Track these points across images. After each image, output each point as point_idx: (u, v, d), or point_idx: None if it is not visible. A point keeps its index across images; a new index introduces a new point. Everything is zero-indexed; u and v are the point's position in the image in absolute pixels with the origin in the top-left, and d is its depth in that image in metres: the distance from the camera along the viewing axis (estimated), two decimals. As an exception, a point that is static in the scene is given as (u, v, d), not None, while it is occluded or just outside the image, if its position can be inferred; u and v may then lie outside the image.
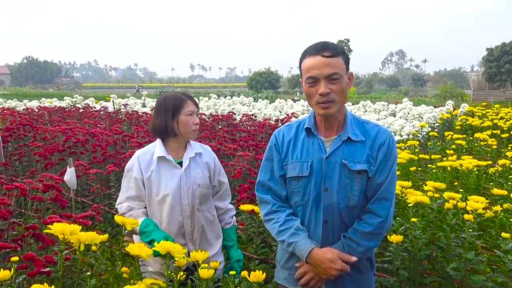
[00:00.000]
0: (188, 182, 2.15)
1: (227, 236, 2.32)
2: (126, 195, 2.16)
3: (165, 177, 2.14)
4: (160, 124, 2.15)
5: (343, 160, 1.68)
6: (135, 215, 2.10)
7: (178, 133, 2.16)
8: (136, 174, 2.14)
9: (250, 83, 45.61)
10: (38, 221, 2.57)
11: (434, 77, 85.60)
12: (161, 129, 2.16)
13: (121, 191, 2.21)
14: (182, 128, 2.15)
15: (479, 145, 6.74)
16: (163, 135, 2.19)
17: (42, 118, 9.27)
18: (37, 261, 1.69)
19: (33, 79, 71.94)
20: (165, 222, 2.12)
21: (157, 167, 2.15)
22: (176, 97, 2.19)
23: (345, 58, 1.68)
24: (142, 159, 2.16)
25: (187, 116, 2.16)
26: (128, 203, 2.15)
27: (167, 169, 2.16)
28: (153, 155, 2.17)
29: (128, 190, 2.17)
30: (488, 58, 35.92)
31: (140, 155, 2.18)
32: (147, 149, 2.22)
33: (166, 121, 2.14)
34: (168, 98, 2.19)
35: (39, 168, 4.57)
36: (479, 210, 2.48)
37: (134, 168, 2.16)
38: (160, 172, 2.14)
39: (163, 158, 2.15)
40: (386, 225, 1.68)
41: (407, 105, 13.47)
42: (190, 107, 2.18)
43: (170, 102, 2.16)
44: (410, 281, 2.48)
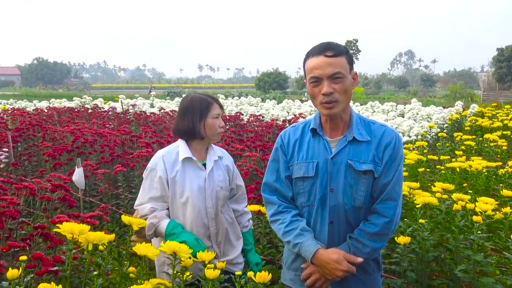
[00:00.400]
0: (212, 184, 2.15)
1: (244, 239, 2.32)
2: (149, 196, 2.11)
3: (190, 178, 2.12)
4: (186, 126, 2.14)
5: (349, 160, 1.67)
6: (159, 217, 2.06)
7: (204, 136, 2.16)
8: (161, 174, 2.10)
9: (258, 84, 45.61)
10: (47, 221, 2.59)
11: (444, 78, 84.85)
12: (187, 131, 2.15)
13: (142, 192, 2.16)
14: (209, 130, 2.15)
15: (489, 146, 6.67)
16: (189, 136, 2.18)
17: (51, 118, 9.35)
18: (45, 260, 1.71)
19: (43, 79, 72.60)
20: (190, 224, 2.09)
21: (182, 168, 2.13)
22: (203, 100, 2.17)
23: (348, 57, 1.68)
24: (167, 159, 2.14)
25: (213, 119, 2.16)
26: (151, 204, 2.10)
27: (192, 170, 2.15)
28: (178, 155, 2.15)
29: (151, 190, 2.12)
30: (498, 58, 35.52)
31: (164, 155, 2.16)
32: (171, 149, 2.20)
33: (193, 123, 2.13)
34: (194, 100, 2.18)
35: (48, 168, 4.61)
36: (488, 211, 2.45)
37: (159, 167, 2.12)
38: (185, 173, 2.13)
39: (189, 159, 2.14)
40: (392, 225, 1.67)
41: (416, 105, 13.38)
42: (216, 110, 2.18)
43: (197, 105, 2.15)
44: (418, 283, 2.46)
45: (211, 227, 2.14)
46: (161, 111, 11.90)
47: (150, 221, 2.05)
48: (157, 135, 6.43)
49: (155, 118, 9.86)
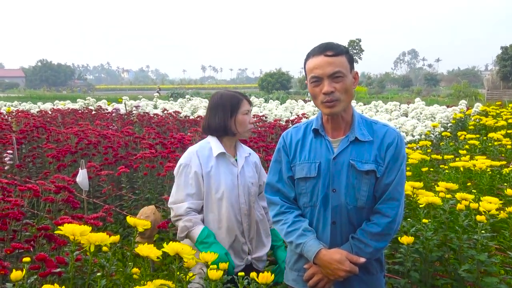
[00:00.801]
0: (244, 181, 2.19)
1: (274, 236, 2.34)
2: (186, 192, 2.11)
3: (224, 174, 2.15)
4: (218, 123, 2.17)
5: (351, 160, 1.67)
6: (194, 221, 2.07)
7: (236, 132, 2.19)
8: (196, 169, 2.12)
9: (261, 84, 45.63)
10: (50, 222, 2.60)
11: (448, 77, 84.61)
12: (218, 128, 2.18)
13: (177, 189, 2.15)
14: (240, 127, 2.18)
15: (493, 145, 6.63)
16: (220, 133, 2.20)
17: (55, 120, 9.40)
18: (49, 261, 1.71)
19: (47, 81, 72.95)
20: (225, 220, 2.12)
21: (216, 164, 2.15)
22: (233, 97, 2.21)
23: (349, 57, 1.68)
24: (201, 154, 2.16)
25: (244, 115, 2.19)
26: (188, 203, 2.10)
27: (225, 166, 2.18)
28: (211, 151, 2.17)
29: (187, 186, 2.12)
30: (502, 56, 35.37)
31: (198, 150, 2.18)
32: (203, 145, 2.22)
33: (225, 120, 2.17)
34: (224, 97, 2.21)
35: (52, 170, 4.63)
36: (492, 211, 2.44)
37: (193, 163, 2.14)
38: (219, 168, 2.15)
39: (222, 155, 2.17)
40: (395, 225, 1.66)
41: (419, 105, 13.35)
42: (246, 106, 2.21)
43: (227, 102, 2.18)
44: (422, 283, 2.45)
45: (244, 223, 2.18)
46: (165, 112, 11.92)
47: (184, 224, 2.08)
48: (161, 136, 6.45)
49: (158, 119, 9.87)
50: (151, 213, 3.04)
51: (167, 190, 4.26)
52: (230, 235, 2.14)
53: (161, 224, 3.05)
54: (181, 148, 5.29)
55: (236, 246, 2.17)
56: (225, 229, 2.13)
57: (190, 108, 14.72)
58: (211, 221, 2.14)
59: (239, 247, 2.18)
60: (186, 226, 2.08)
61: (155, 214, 3.07)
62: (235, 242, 2.16)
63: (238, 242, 2.17)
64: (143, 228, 1.79)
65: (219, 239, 2.11)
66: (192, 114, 13.09)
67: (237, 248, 2.17)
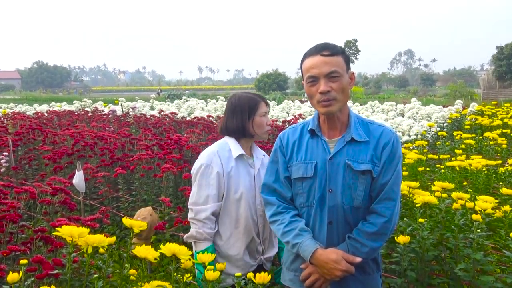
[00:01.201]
0: (259, 182, 2.20)
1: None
2: (207, 193, 2.13)
3: (243, 175, 2.19)
4: (236, 125, 2.20)
5: (347, 160, 1.68)
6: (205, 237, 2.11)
7: (254, 134, 2.22)
8: (218, 169, 2.14)
9: (258, 85, 45.62)
10: (47, 224, 2.60)
11: (444, 77, 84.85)
12: (236, 130, 2.21)
13: (198, 189, 2.15)
14: (257, 129, 2.21)
15: (489, 144, 6.66)
16: (238, 135, 2.23)
17: (51, 122, 9.37)
18: (46, 263, 1.71)
19: (43, 83, 72.69)
20: (243, 220, 2.16)
21: (236, 165, 2.19)
22: (251, 99, 2.23)
23: (345, 57, 1.69)
24: (222, 155, 2.18)
25: (261, 117, 2.22)
26: (209, 209, 2.11)
27: (244, 167, 2.21)
28: (230, 152, 2.20)
29: (209, 187, 2.13)
30: (498, 56, 35.50)
31: (218, 150, 2.20)
32: (222, 146, 2.23)
33: (243, 122, 2.19)
34: (242, 99, 2.23)
35: (48, 172, 4.62)
36: (487, 210, 2.45)
37: (215, 163, 2.15)
38: (239, 169, 2.19)
39: (240, 157, 2.20)
40: (391, 225, 1.67)
41: (416, 105, 13.38)
42: (264, 108, 2.23)
43: (245, 104, 2.20)
44: (418, 282, 2.46)
45: (260, 223, 2.22)
46: (161, 114, 11.90)
47: (195, 233, 2.12)
48: (157, 137, 6.43)
49: (155, 120, 9.86)
50: (148, 214, 3.04)
51: (164, 191, 4.26)
52: (248, 235, 2.18)
53: (158, 226, 3.05)
54: (178, 149, 5.29)
55: (252, 246, 2.22)
56: (242, 229, 2.17)
57: (187, 109, 14.72)
58: (227, 221, 2.18)
59: (254, 247, 2.23)
60: (195, 236, 2.13)
61: (152, 216, 3.07)
62: (251, 243, 2.21)
63: (254, 242, 2.22)
64: (139, 230, 1.79)
65: (235, 239, 2.17)
66: (189, 115, 13.09)
67: (252, 248, 2.23)
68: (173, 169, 4.19)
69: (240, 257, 2.16)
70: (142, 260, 1.62)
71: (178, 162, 4.83)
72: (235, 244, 2.17)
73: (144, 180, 4.48)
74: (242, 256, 2.17)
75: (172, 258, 1.59)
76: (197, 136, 6.41)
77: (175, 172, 4.27)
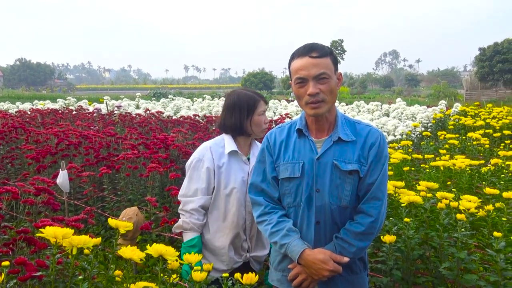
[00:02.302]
0: None
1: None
2: (196, 186, 2.18)
3: (235, 171, 2.20)
4: (234, 123, 2.21)
5: (334, 160, 1.68)
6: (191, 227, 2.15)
7: (251, 133, 2.23)
8: (209, 164, 2.17)
9: (244, 84, 45.67)
10: (30, 225, 2.55)
11: (428, 77, 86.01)
12: (234, 127, 2.22)
13: (188, 182, 2.21)
14: (255, 127, 2.22)
15: (472, 144, 6.78)
16: (236, 133, 2.24)
17: (34, 120, 9.21)
18: (29, 265, 1.67)
19: (26, 81, 71.51)
20: (231, 215, 2.18)
21: (228, 161, 2.20)
22: (250, 97, 2.22)
23: (333, 58, 1.70)
24: (214, 150, 2.20)
25: (260, 116, 2.22)
26: (197, 200, 2.16)
27: (237, 163, 2.22)
28: (224, 148, 2.21)
29: (198, 180, 2.18)
30: (480, 57, 36.18)
31: (211, 146, 2.22)
32: (217, 142, 2.26)
33: (241, 120, 2.19)
34: (242, 97, 2.22)
35: (31, 171, 4.53)
36: (471, 209, 2.49)
37: (206, 158, 2.18)
38: (231, 165, 2.20)
39: (234, 153, 2.21)
40: (378, 224, 1.68)
41: (401, 105, 13.55)
42: (262, 106, 2.24)
43: (244, 102, 2.20)
44: (404, 281, 2.49)
45: (247, 220, 2.23)
46: (147, 112, 11.81)
47: (182, 223, 2.17)
48: (143, 136, 6.38)
49: (140, 119, 9.77)
50: (133, 214, 3.01)
51: (150, 191, 4.22)
52: (233, 231, 2.20)
53: (144, 226, 3.02)
54: (164, 149, 5.25)
55: (237, 242, 2.23)
56: (229, 224, 2.19)
57: (173, 108, 14.65)
58: (215, 215, 2.21)
59: (239, 243, 2.24)
60: (183, 226, 2.17)
61: (137, 216, 3.04)
62: (236, 238, 2.22)
63: (239, 239, 2.23)
64: (125, 230, 1.77)
65: (222, 233, 2.19)
66: (175, 114, 13.02)
67: (237, 244, 2.24)
68: (159, 168, 4.16)
69: (225, 251, 2.19)
70: (128, 261, 1.60)
71: (164, 161, 4.79)
72: (221, 238, 2.20)
73: (130, 180, 4.43)
74: (227, 251, 2.19)
75: (159, 258, 1.57)
76: (184, 135, 6.38)
77: (161, 172, 4.24)
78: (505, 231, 2.62)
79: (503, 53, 34.20)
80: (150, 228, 3.07)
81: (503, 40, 35.20)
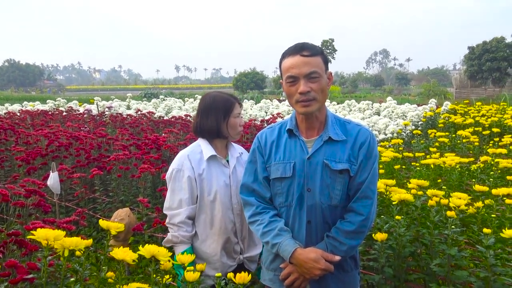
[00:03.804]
0: (236, 181, 2.19)
1: None
2: (180, 197, 2.13)
3: (216, 176, 2.17)
4: (210, 126, 2.18)
5: (325, 160, 1.69)
6: (180, 240, 2.12)
7: (227, 135, 2.20)
8: (189, 173, 2.13)
9: (235, 84, 45.62)
10: (21, 227, 2.53)
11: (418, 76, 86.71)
12: (210, 131, 2.19)
13: (171, 194, 2.17)
14: (231, 130, 2.20)
15: (462, 142, 6.85)
16: (212, 136, 2.21)
17: (24, 122, 9.12)
18: (20, 268, 1.66)
19: (15, 82, 70.78)
20: (219, 221, 2.14)
21: (207, 166, 2.16)
22: (226, 100, 2.20)
23: (324, 58, 1.71)
24: (192, 158, 2.17)
25: (235, 119, 2.20)
26: (183, 213, 2.11)
27: (217, 167, 2.19)
28: (202, 154, 2.18)
29: (181, 191, 2.14)
30: (469, 56, 36.51)
31: (189, 154, 2.18)
32: (193, 149, 2.22)
33: (217, 123, 2.17)
34: (217, 100, 2.20)
35: (22, 173, 4.50)
36: (461, 206, 2.52)
37: (185, 167, 2.14)
38: (211, 170, 2.17)
39: (213, 158, 2.18)
40: (368, 223, 1.69)
41: (391, 104, 13.63)
42: (238, 109, 2.22)
43: (221, 105, 2.18)
44: (395, 278, 2.51)
45: (237, 222, 2.20)
46: (138, 113, 11.75)
47: (171, 237, 2.13)
48: (134, 137, 6.35)
49: (132, 120, 9.73)
50: (125, 215, 3.00)
51: (141, 192, 4.21)
52: (222, 236, 2.17)
53: (136, 227, 3.01)
54: (156, 149, 5.23)
55: (228, 247, 2.20)
56: (217, 230, 2.16)
57: (164, 109, 14.58)
58: (202, 223, 2.17)
59: (231, 247, 2.21)
60: (171, 240, 2.13)
61: (129, 217, 3.03)
62: (227, 243, 2.19)
63: (230, 243, 2.20)
64: (116, 231, 1.77)
65: (211, 240, 2.16)
66: (166, 115, 12.97)
67: (229, 248, 2.21)
68: (151, 169, 4.15)
69: (217, 258, 2.15)
70: (120, 262, 1.59)
71: (156, 162, 4.78)
72: (211, 245, 2.16)
73: (121, 181, 4.41)
74: (219, 257, 2.16)
75: (151, 259, 1.57)
76: (175, 135, 6.36)
77: (153, 172, 4.22)
78: (494, 227, 2.66)
79: (491, 51, 34.55)
80: (143, 229, 3.06)
81: (491, 39, 35.55)
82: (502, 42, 34.76)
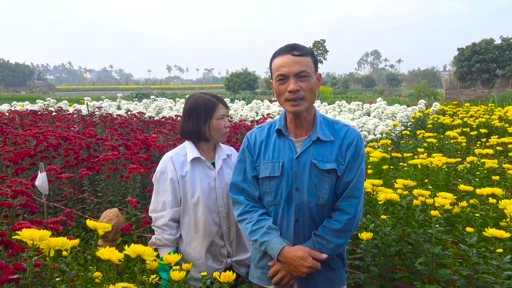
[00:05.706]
0: (222, 183, 2.17)
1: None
2: (163, 199, 2.12)
3: (200, 178, 2.14)
4: (191, 128, 2.15)
5: (313, 159, 1.72)
6: (164, 243, 2.11)
7: (210, 138, 2.17)
8: (172, 175, 2.11)
9: (227, 84, 45.61)
10: (7, 228, 2.52)
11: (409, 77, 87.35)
12: (192, 133, 2.16)
13: (155, 196, 2.16)
14: (214, 132, 2.16)
15: (450, 143, 6.92)
16: (195, 138, 2.18)
17: (13, 122, 9.04)
18: (5, 268, 1.66)
19: (4, 82, 70.02)
20: (202, 224, 2.11)
21: (191, 168, 2.14)
22: (208, 101, 2.16)
23: (314, 59, 1.74)
24: (176, 160, 2.14)
25: (218, 120, 2.16)
26: (167, 215, 2.10)
27: (201, 170, 2.16)
28: (186, 156, 2.15)
29: (164, 193, 2.12)
30: (459, 58, 36.89)
31: (172, 156, 2.16)
32: (178, 151, 2.19)
33: (198, 125, 2.14)
34: (199, 101, 2.16)
35: (9, 174, 4.46)
36: (446, 206, 2.55)
37: (168, 169, 2.12)
38: (194, 173, 2.14)
39: (197, 159, 2.15)
40: (355, 222, 1.72)
41: (381, 104, 13.71)
42: (221, 110, 2.18)
43: (202, 107, 2.14)
44: (381, 276, 2.54)
45: (223, 225, 2.17)
46: (128, 113, 11.70)
47: (155, 240, 2.13)
48: (124, 137, 6.33)
49: (122, 120, 9.68)
50: (114, 215, 3.00)
51: (130, 192, 4.20)
52: (207, 239, 2.14)
53: (124, 227, 3.01)
54: (145, 150, 5.22)
55: (214, 250, 2.17)
56: (202, 233, 2.13)
57: (155, 109, 14.54)
58: (186, 225, 2.15)
59: (217, 250, 2.18)
60: (155, 243, 2.12)
61: (118, 217, 3.03)
62: (212, 246, 2.16)
63: (215, 246, 2.17)
64: (103, 231, 1.77)
65: (196, 243, 2.14)
66: (157, 115, 12.93)
67: (214, 251, 2.17)
68: (140, 169, 4.14)
69: (202, 261, 2.13)
70: (107, 262, 1.60)
71: (145, 162, 4.77)
72: (196, 248, 2.14)
73: (110, 181, 4.40)
74: (204, 261, 2.13)
75: (137, 259, 1.58)
76: (165, 136, 6.35)
77: (142, 173, 4.22)
78: (478, 226, 2.70)
79: (480, 53, 34.94)
80: (131, 229, 3.06)
81: (480, 41, 35.96)
82: (491, 44, 35.19)
